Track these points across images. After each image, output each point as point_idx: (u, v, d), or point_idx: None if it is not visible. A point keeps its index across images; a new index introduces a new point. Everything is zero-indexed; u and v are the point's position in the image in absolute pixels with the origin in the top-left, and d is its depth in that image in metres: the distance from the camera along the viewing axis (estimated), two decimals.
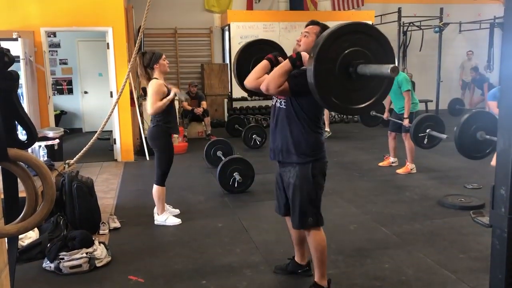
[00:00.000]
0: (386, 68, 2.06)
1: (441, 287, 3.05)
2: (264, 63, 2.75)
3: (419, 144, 5.83)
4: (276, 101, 2.84)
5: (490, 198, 1.60)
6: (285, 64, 2.61)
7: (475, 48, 12.04)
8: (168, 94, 4.13)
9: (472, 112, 4.08)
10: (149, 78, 4.17)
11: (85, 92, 10.52)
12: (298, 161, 2.75)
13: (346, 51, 2.24)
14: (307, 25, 2.79)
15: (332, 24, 2.35)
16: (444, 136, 5.62)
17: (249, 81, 2.79)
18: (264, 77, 2.68)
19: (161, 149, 4.20)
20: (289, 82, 2.61)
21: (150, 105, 4.07)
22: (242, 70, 3.26)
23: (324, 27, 2.72)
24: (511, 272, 1.55)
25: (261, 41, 3.48)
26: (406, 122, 5.93)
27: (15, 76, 1.29)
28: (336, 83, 2.28)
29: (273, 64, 2.73)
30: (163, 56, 4.18)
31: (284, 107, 2.76)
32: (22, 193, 1.50)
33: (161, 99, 4.07)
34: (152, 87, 4.07)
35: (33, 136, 1.37)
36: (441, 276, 3.20)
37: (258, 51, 3.29)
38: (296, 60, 2.60)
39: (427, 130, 5.70)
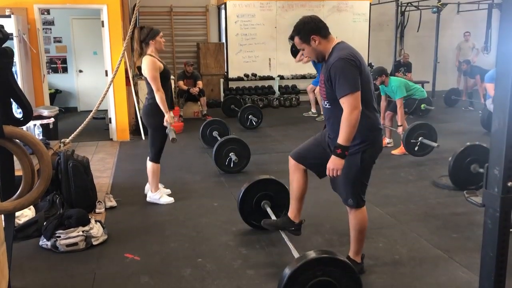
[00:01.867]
0: None
1: (433, 265, 3.10)
2: None
3: (411, 152, 5.83)
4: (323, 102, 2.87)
5: (484, 178, 1.62)
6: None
7: (472, 29, 11.94)
8: (164, 69, 4.11)
9: (467, 145, 4.10)
10: (141, 54, 4.13)
11: (80, 71, 10.42)
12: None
13: (315, 280, 2.30)
14: (291, 41, 2.81)
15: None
16: (435, 144, 5.64)
17: None
18: None
19: (155, 126, 4.18)
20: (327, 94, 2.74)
21: (154, 82, 4.00)
22: (245, 208, 3.66)
23: (297, 28, 2.73)
24: (502, 250, 1.58)
25: (262, 181, 3.67)
26: (399, 130, 5.96)
27: (10, 53, 1.28)
28: None
29: None
30: (161, 34, 4.14)
31: (329, 106, 2.77)
32: (17, 172, 1.50)
33: (158, 73, 4.03)
34: (147, 63, 4.02)
35: (28, 114, 1.36)
36: (434, 255, 3.25)
37: (261, 189, 3.62)
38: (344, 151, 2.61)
39: (419, 138, 5.71)
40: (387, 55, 11.83)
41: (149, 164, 4.30)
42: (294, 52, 7.35)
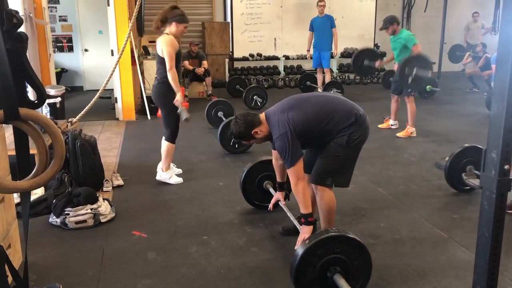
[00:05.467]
0: None
1: (433, 245, 3.17)
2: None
3: (405, 84, 5.86)
4: None
5: (482, 161, 1.67)
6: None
7: (481, 9, 11.79)
8: (179, 51, 4.16)
9: (464, 146, 4.11)
10: (157, 28, 4.18)
11: (86, 50, 10.44)
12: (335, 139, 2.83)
13: (329, 256, 2.34)
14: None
15: None
16: (429, 74, 5.77)
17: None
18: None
19: (167, 106, 4.23)
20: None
21: (170, 60, 4.04)
22: (248, 187, 3.73)
23: (237, 135, 2.92)
24: (498, 231, 1.64)
25: (265, 162, 3.67)
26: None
27: (25, 38, 1.32)
28: (315, 281, 2.37)
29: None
30: (186, 24, 4.26)
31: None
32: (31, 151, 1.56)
33: (175, 53, 4.09)
34: (166, 40, 4.06)
35: (43, 97, 1.41)
36: (434, 235, 3.31)
37: (263, 170, 3.67)
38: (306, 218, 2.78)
39: (414, 70, 5.71)
40: None
41: (164, 144, 4.35)
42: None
